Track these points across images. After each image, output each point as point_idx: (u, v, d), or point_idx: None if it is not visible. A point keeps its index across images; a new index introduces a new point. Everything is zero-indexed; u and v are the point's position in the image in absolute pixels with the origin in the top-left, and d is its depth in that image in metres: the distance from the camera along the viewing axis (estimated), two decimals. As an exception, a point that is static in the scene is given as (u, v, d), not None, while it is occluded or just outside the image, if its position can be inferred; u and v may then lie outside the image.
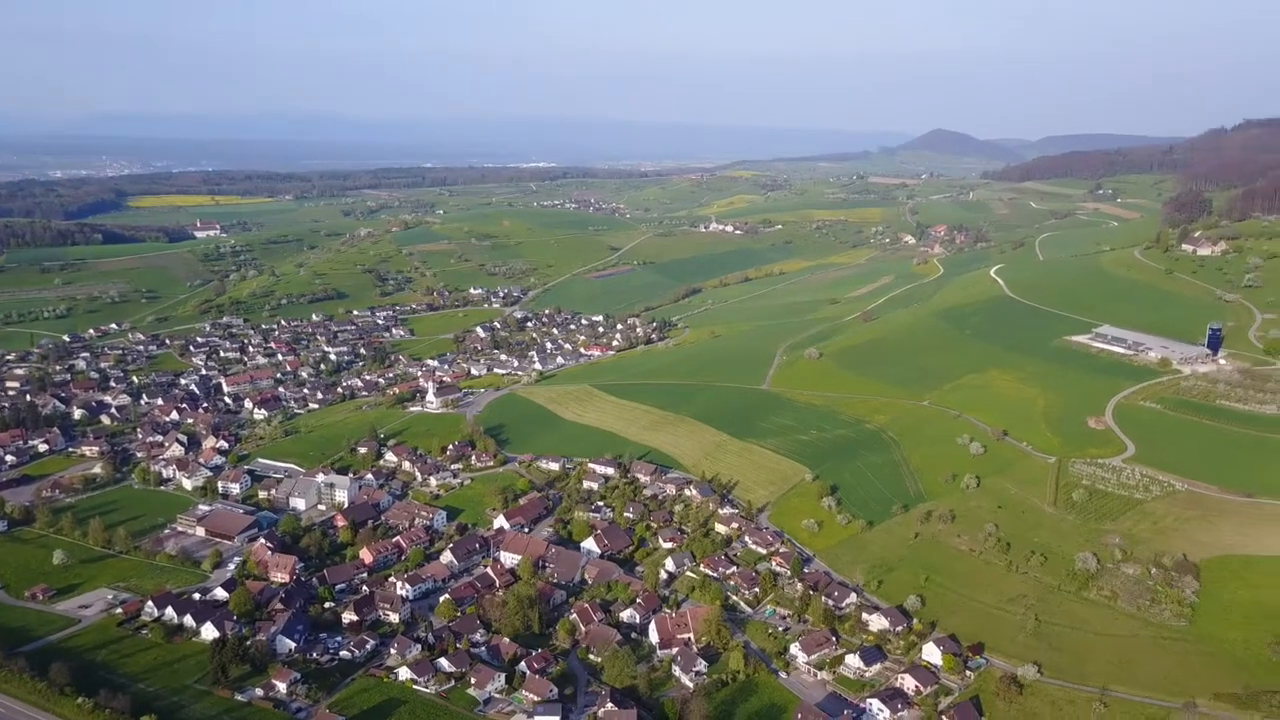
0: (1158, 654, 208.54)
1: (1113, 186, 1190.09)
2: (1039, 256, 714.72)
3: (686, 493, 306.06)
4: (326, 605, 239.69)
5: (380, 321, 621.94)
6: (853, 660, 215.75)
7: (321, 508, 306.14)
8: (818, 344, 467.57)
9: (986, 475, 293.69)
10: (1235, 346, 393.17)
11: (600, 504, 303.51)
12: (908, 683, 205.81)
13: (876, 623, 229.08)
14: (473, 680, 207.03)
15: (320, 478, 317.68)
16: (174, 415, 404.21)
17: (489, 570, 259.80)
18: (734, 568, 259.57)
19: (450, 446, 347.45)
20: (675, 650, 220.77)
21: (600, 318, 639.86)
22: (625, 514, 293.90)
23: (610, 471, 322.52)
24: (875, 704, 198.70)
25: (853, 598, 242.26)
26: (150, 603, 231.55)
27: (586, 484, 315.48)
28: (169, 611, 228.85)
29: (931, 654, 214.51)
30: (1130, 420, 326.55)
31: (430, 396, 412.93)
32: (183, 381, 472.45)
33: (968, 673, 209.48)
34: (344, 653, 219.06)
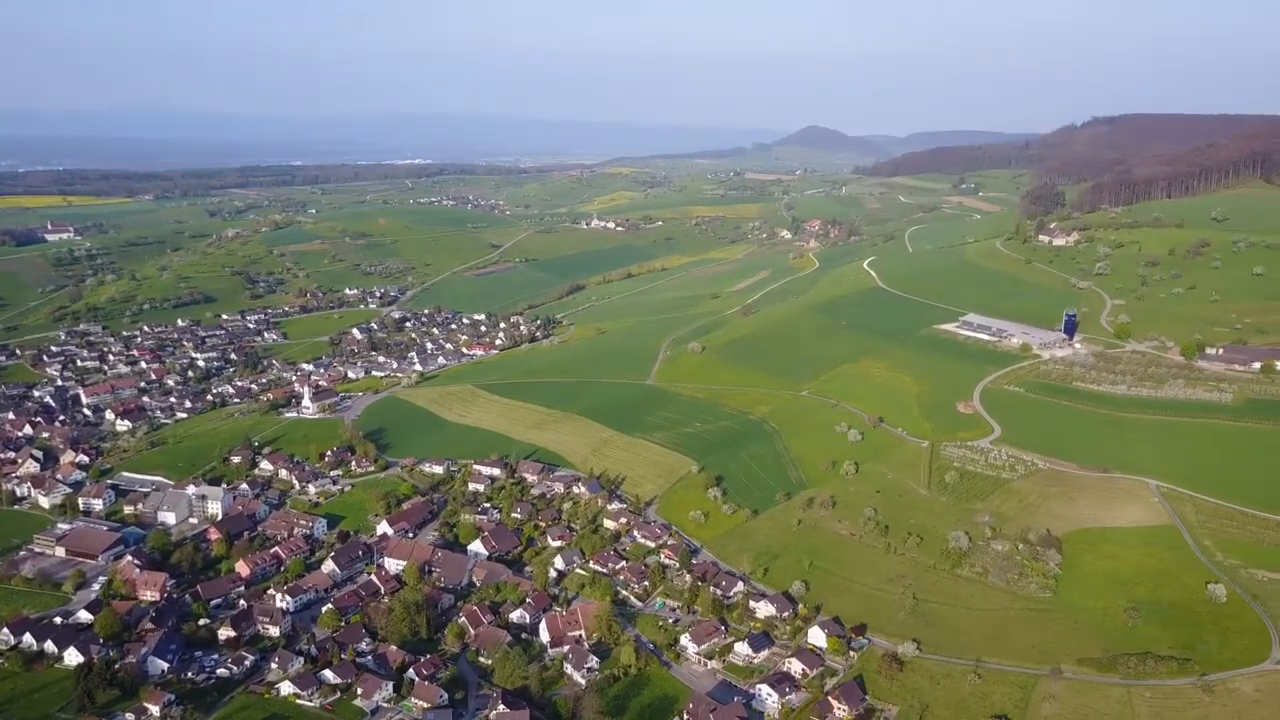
0: (1026, 625, 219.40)
1: (975, 181, 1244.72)
2: (908, 249, 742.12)
3: (574, 490, 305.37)
4: (201, 622, 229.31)
5: (251, 325, 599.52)
6: (742, 648, 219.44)
7: (193, 521, 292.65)
8: (700, 338, 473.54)
9: (864, 461, 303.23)
10: (1089, 331, 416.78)
11: (487, 505, 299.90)
12: (795, 666, 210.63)
13: (764, 610, 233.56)
14: (359, 691, 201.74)
15: (191, 489, 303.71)
16: (27, 430, 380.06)
17: (373, 577, 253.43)
18: (623, 562, 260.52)
19: (329, 453, 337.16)
20: (566, 648, 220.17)
21: (482, 316, 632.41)
22: (513, 514, 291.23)
23: (496, 472, 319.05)
24: (764, 689, 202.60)
25: (740, 586, 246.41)
26: (6, 629, 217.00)
27: (472, 486, 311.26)
28: (27, 638, 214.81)
29: (817, 637, 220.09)
30: (996, 404, 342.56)
31: (306, 401, 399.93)
32: (36, 394, 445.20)
33: (851, 653, 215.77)
34: (221, 670, 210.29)
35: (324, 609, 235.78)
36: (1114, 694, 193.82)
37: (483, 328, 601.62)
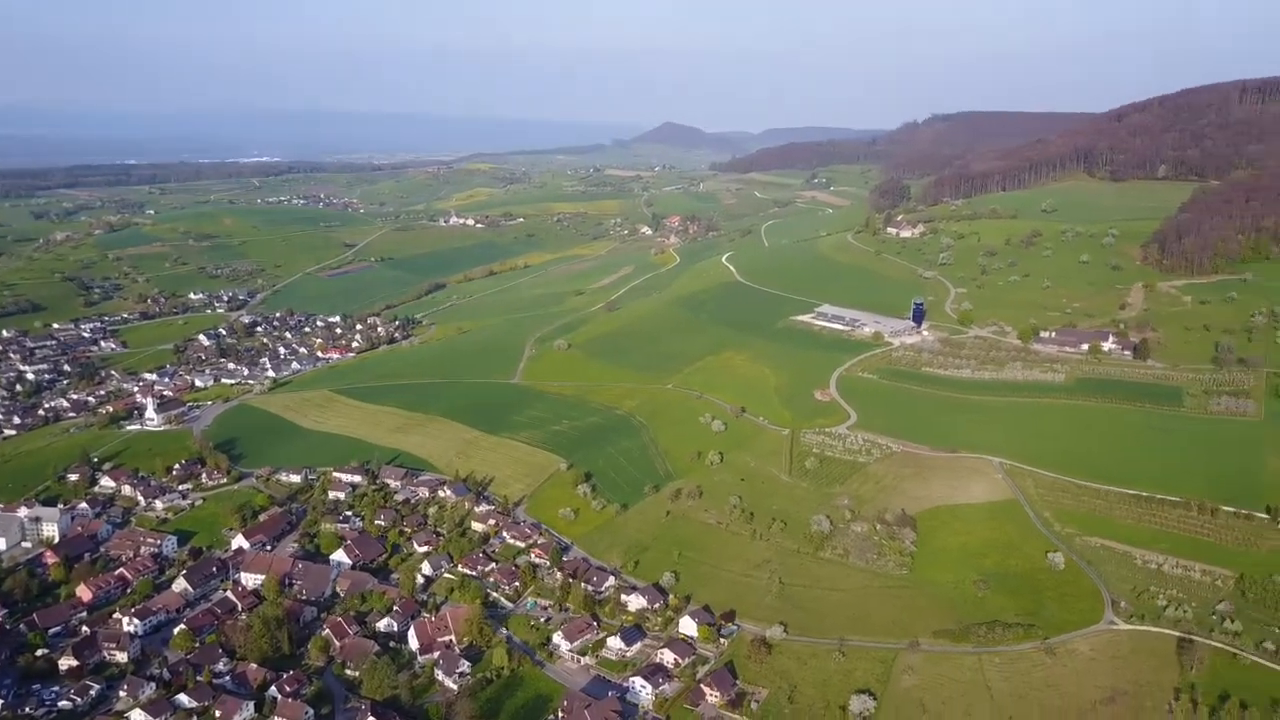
0: (885, 602, 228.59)
1: (826, 176, 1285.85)
2: (765, 243, 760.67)
3: (440, 494, 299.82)
4: (39, 653, 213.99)
5: (87, 334, 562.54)
6: (614, 642, 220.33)
7: (27, 545, 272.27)
8: (565, 335, 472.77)
9: (729, 451, 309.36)
10: (935, 318, 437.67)
11: (349, 513, 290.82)
12: (667, 657, 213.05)
13: (635, 602, 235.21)
14: (218, 713, 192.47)
15: (23, 512, 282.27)
16: None
17: (229, 594, 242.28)
18: (493, 564, 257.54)
19: (177, 466, 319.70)
20: (437, 654, 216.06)
21: (338, 318, 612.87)
22: (376, 521, 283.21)
23: (357, 479, 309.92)
24: (638, 682, 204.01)
25: (611, 581, 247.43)
26: None
27: (333, 494, 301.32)
28: None
29: (688, 627, 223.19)
30: (851, 391, 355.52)
31: (150, 413, 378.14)
32: None
33: (722, 640, 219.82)
34: (63, 703, 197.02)
35: (176, 630, 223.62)
36: (967, 662, 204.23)
37: (339, 330, 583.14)
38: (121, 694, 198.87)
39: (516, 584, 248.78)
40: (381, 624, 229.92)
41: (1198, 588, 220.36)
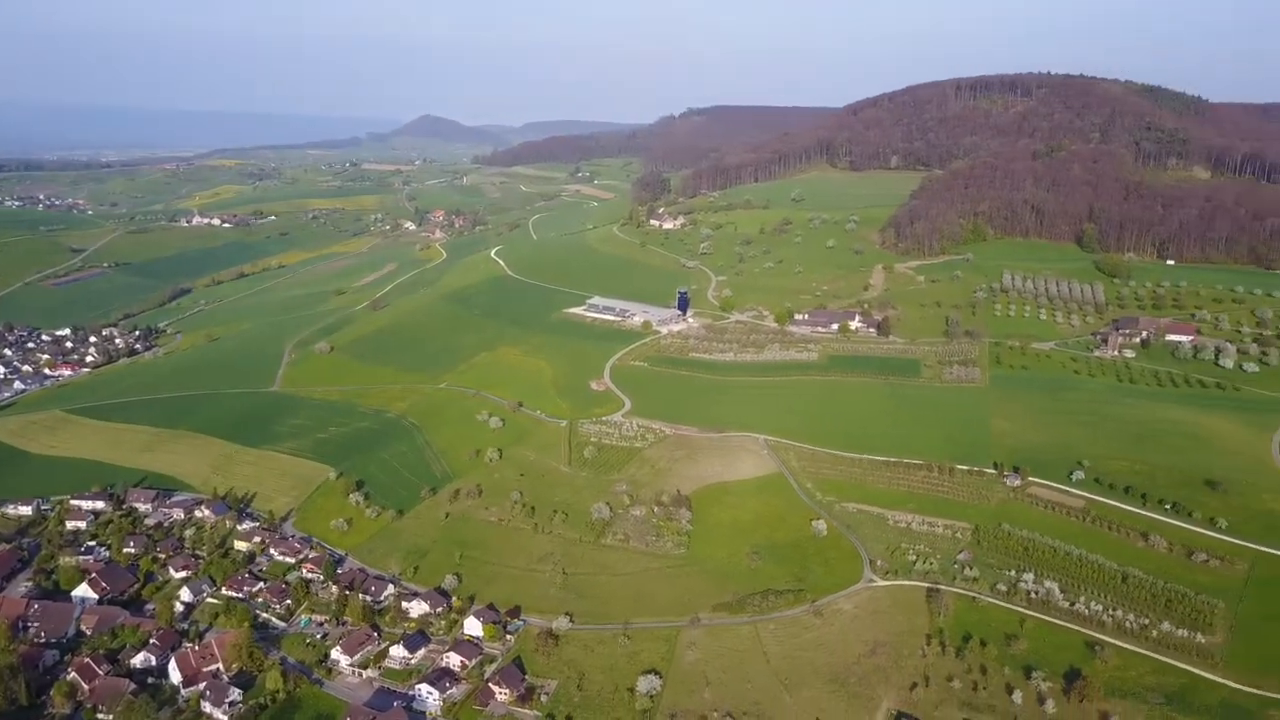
0: (666, 582, 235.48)
1: (590, 169, 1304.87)
2: (533, 236, 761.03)
3: (198, 514, 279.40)
4: None
5: None
6: (397, 651, 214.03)
7: None
8: (328, 337, 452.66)
9: (507, 447, 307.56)
10: (699, 306, 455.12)
11: (92, 544, 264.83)
12: (453, 660, 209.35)
13: (417, 608, 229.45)
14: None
15: None
16: None
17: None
18: (261, 584, 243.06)
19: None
20: (203, 685, 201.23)
21: (68, 331, 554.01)
22: (125, 550, 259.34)
23: (100, 505, 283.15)
24: (424, 688, 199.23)
25: (391, 589, 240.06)
26: None
27: (71, 524, 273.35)
28: None
29: (473, 627, 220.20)
30: (625, 379, 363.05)
31: None
32: None
33: (508, 637, 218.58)
34: None
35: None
36: (744, 632, 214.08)
37: (69, 344, 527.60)
38: None
39: (288, 602, 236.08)
40: (137, 660, 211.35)
41: (941, 541, 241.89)
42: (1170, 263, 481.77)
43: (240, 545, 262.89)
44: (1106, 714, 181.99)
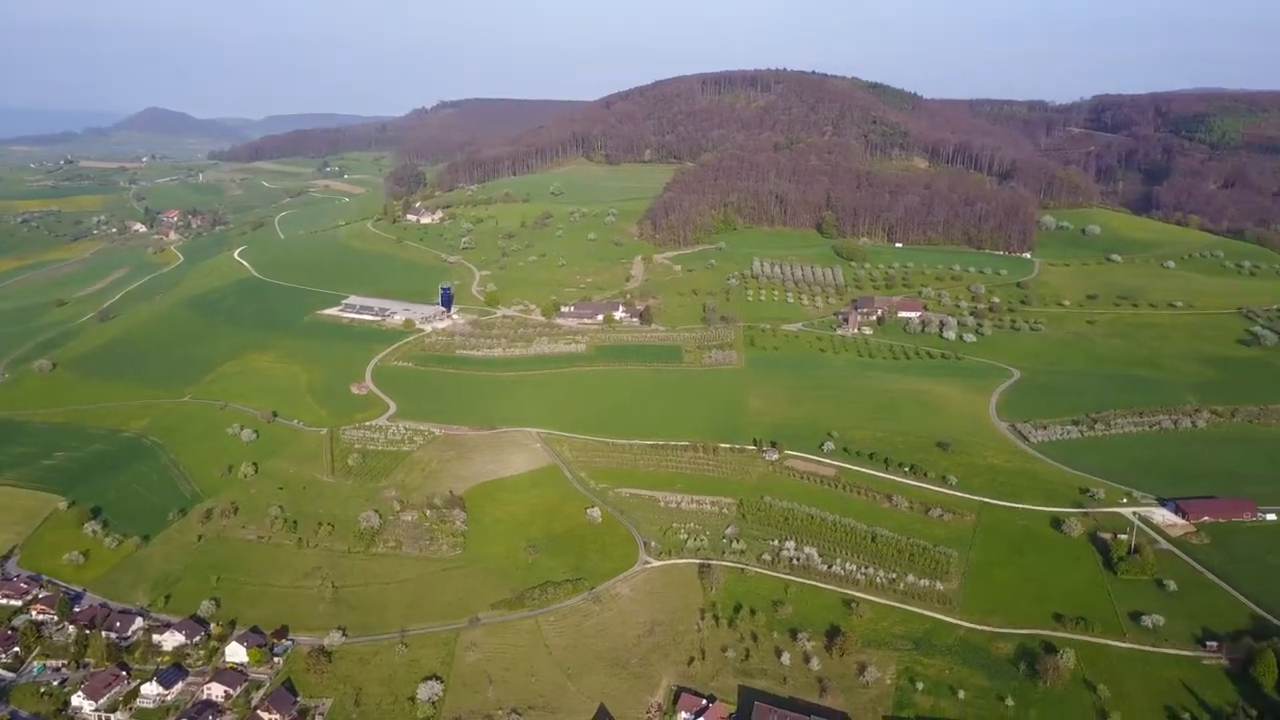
0: (443, 585, 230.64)
1: (339, 164, 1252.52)
2: (280, 235, 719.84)
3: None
4: None
5: None
6: (150, 688, 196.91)
7: None
8: (49, 353, 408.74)
9: (264, 460, 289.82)
10: (464, 302, 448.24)
11: None
12: (216, 690, 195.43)
13: (171, 640, 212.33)
14: None
15: None
16: None
17: None
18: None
19: None
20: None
21: None
22: None
23: None
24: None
25: (140, 622, 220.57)
26: None
27: None
28: None
29: (236, 653, 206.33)
30: (388, 381, 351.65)
31: None
32: None
33: (276, 660, 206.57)
34: None
35: None
36: (525, 626, 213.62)
37: None
38: None
39: (16, 649, 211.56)
40: None
41: (710, 518, 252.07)
42: (899, 245, 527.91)
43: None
44: (864, 664, 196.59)
